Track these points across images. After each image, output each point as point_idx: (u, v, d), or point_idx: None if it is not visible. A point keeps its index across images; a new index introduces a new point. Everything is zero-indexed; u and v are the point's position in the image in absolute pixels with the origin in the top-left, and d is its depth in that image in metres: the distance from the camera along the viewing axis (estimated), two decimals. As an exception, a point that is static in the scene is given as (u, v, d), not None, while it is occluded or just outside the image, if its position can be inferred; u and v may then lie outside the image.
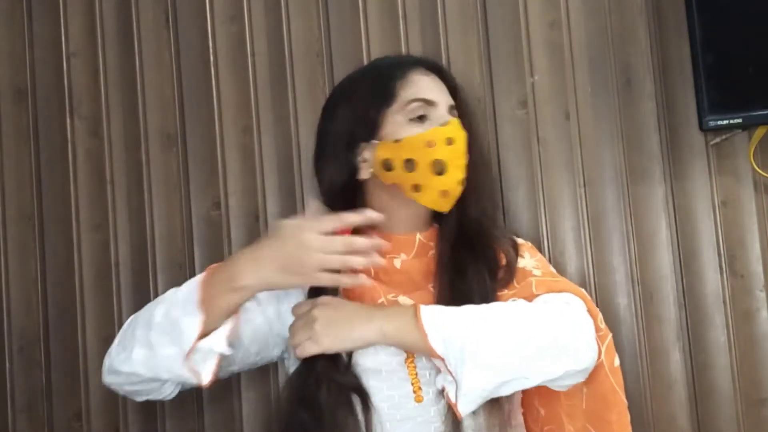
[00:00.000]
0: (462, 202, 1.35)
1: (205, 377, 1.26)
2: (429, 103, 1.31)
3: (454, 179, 1.30)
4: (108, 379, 1.34)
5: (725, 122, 1.68)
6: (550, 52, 1.83)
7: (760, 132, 1.73)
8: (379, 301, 1.32)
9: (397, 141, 1.31)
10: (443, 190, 1.31)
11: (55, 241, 1.99)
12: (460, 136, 1.30)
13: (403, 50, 1.86)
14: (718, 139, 1.75)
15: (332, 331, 1.23)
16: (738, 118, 1.68)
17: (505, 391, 1.22)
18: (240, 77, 1.93)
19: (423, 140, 1.29)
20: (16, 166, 2.02)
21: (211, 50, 1.95)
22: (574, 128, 1.81)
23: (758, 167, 1.73)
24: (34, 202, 2.01)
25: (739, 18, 1.68)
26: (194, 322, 1.21)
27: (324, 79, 1.89)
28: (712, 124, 1.69)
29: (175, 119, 1.95)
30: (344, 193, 1.36)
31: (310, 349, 1.23)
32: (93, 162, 1.99)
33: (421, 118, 1.31)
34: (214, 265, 1.29)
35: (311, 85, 1.90)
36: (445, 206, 1.33)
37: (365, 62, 1.86)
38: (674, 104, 1.78)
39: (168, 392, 1.33)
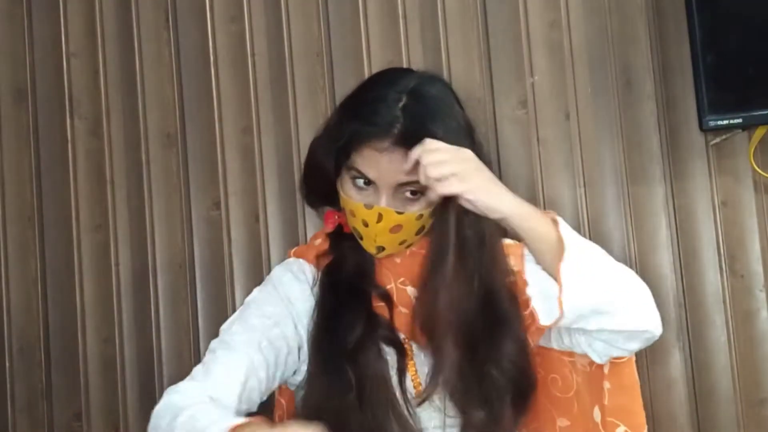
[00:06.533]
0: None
1: None
2: (368, 180, 1.28)
3: (369, 247, 1.31)
4: None
5: (725, 122, 1.68)
6: (550, 52, 1.83)
7: (760, 132, 1.73)
8: (389, 286, 1.33)
9: (342, 189, 1.32)
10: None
11: (55, 241, 1.99)
12: (373, 222, 1.27)
13: (403, 50, 1.86)
14: (718, 139, 1.75)
15: (483, 181, 1.19)
16: (738, 118, 1.68)
17: (593, 321, 1.21)
18: (240, 77, 1.93)
19: (348, 206, 1.30)
20: (16, 166, 2.02)
21: (211, 50, 1.95)
22: (574, 128, 1.81)
23: (758, 167, 1.73)
24: (34, 202, 2.01)
25: (739, 18, 1.68)
26: None
27: (324, 79, 1.89)
28: (712, 124, 1.68)
29: (175, 119, 1.95)
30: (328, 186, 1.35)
31: (455, 187, 1.17)
32: (93, 162, 1.99)
33: (360, 185, 1.29)
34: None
35: (311, 85, 1.89)
36: (379, 256, 1.33)
37: (365, 62, 1.87)
38: (674, 104, 1.78)
39: None
